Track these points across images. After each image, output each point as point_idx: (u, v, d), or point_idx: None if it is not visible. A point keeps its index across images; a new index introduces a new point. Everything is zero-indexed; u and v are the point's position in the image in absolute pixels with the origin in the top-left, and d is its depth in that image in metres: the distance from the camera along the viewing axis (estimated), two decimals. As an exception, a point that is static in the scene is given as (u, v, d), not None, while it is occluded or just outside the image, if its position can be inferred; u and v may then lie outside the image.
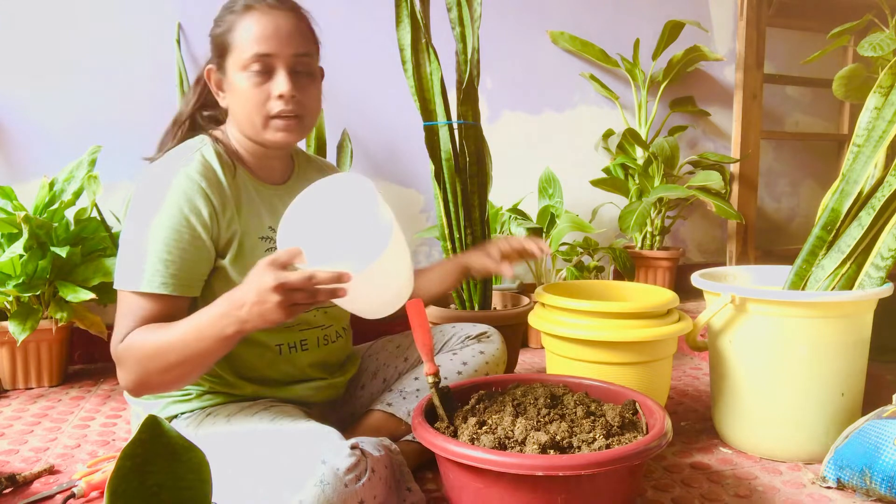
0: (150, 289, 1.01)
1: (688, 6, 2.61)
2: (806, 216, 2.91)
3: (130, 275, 1.02)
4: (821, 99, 2.84)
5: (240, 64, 1.07)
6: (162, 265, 1.01)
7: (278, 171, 1.21)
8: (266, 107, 1.08)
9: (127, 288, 1.02)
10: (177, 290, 1.03)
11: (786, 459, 1.32)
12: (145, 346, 0.97)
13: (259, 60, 1.06)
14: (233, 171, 1.11)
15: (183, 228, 1.03)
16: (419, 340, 1.07)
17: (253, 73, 1.06)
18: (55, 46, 1.96)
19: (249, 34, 1.06)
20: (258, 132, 1.10)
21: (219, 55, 1.11)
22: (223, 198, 1.08)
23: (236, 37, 1.07)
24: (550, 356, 1.42)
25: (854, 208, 1.34)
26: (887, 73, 1.38)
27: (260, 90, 1.07)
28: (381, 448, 1.01)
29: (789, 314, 1.26)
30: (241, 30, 1.06)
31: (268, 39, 1.06)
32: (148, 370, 0.98)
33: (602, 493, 0.92)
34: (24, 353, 1.78)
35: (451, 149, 1.75)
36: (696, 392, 1.76)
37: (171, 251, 1.02)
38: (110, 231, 1.88)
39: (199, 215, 1.04)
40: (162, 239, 1.02)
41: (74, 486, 1.16)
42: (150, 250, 1.01)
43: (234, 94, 1.09)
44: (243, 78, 1.07)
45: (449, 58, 1.80)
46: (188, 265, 1.04)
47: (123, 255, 1.04)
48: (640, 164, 2.38)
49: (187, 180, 1.05)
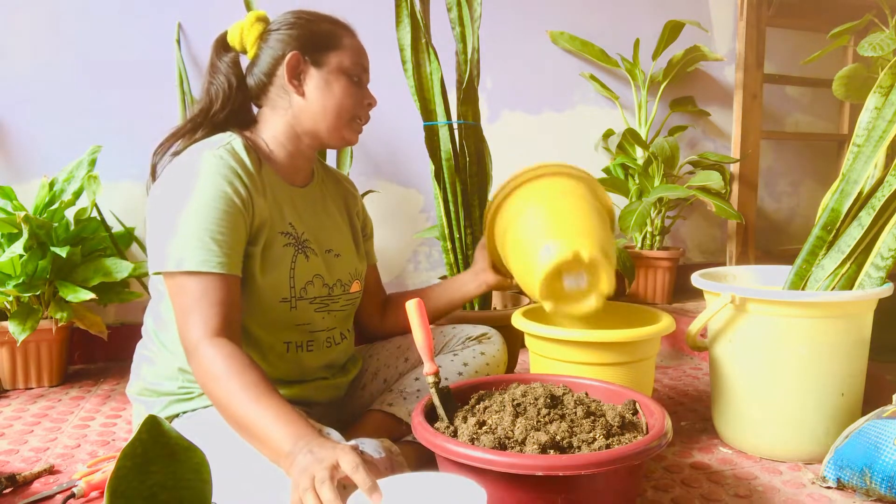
0: (207, 268, 1.00)
1: (688, 6, 2.61)
2: (806, 216, 2.91)
3: (182, 256, 1.00)
4: (821, 99, 2.84)
5: (345, 65, 1.17)
6: (216, 244, 1.01)
7: (303, 174, 1.24)
8: (356, 109, 1.19)
9: (179, 269, 1.00)
10: (231, 268, 1.03)
11: (786, 459, 1.32)
12: (223, 383, 0.95)
13: (359, 70, 1.19)
14: (259, 166, 1.13)
15: (229, 207, 1.04)
16: (419, 341, 1.07)
17: (353, 77, 1.18)
18: (55, 46, 1.96)
19: (356, 46, 1.20)
20: (339, 127, 1.18)
21: (316, 49, 1.16)
22: (254, 183, 1.09)
23: (344, 42, 1.18)
24: (533, 356, 1.41)
25: (854, 208, 1.34)
26: (887, 73, 1.38)
27: (358, 94, 1.19)
28: (381, 450, 1.01)
29: (789, 314, 1.26)
30: (346, 39, 1.19)
31: (364, 57, 1.21)
32: (207, 392, 0.98)
33: (602, 493, 0.92)
34: (24, 353, 1.78)
35: (451, 149, 1.75)
36: (696, 392, 1.76)
37: (222, 230, 1.02)
38: (110, 231, 1.89)
39: (237, 193, 1.05)
40: (211, 218, 1.02)
41: (74, 486, 1.16)
42: (200, 230, 1.01)
43: (328, 88, 1.16)
44: (344, 78, 1.17)
45: (449, 58, 1.80)
46: (236, 244, 1.04)
47: (167, 238, 1.02)
48: (640, 164, 2.38)
49: (219, 160, 1.06)
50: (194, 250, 1.00)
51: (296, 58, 1.15)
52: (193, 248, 1.00)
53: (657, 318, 1.39)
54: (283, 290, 1.14)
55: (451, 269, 1.84)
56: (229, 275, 1.03)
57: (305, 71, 1.16)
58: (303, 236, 1.18)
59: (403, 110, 2.09)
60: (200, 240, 1.01)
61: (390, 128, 2.25)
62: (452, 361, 1.33)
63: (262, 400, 0.93)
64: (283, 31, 1.17)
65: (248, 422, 0.92)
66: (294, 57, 1.15)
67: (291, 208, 1.18)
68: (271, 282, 1.12)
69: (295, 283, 1.15)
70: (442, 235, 1.81)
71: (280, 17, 1.19)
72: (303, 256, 1.17)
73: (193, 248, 1.00)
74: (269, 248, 1.12)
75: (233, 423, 0.95)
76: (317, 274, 1.19)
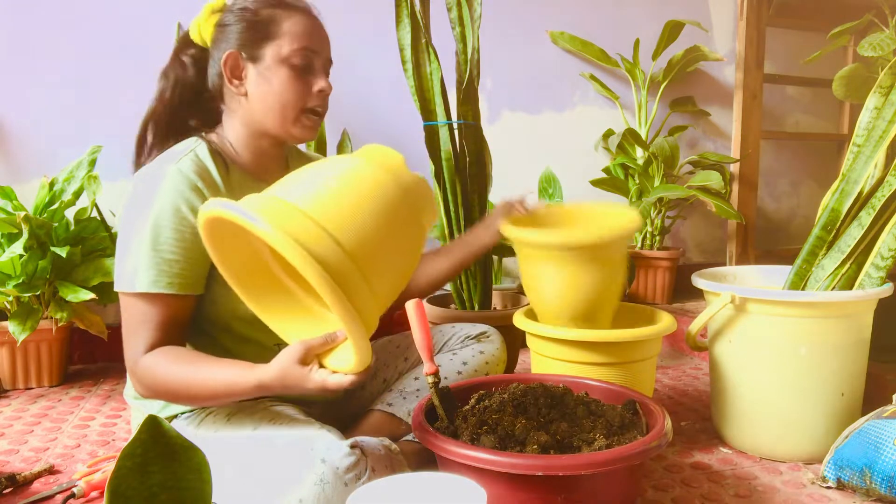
0: (156, 289, 1.00)
1: (688, 6, 2.61)
2: (806, 216, 2.91)
3: (134, 276, 1.01)
4: (821, 99, 2.84)
5: (283, 54, 1.07)
6: (166, 265, 1.01)
7: (274, 171, 1.20)
8: (304, 100, 1.10)
9: (131, 290, 1.01)
10: (184, 288, 1.03)
11: (786, 459, 1.32)
12: (169, 377, 1.00)
13: (303, 55, 1.08)
14: (227, 170, 1.11)
15: (182, 226, 1.02)
16: (419, 340, 1.07)
17: (294, 65, 1.08)
18: (55, 46, 1.96)
19: (296, 28, 1.08)
20: (284, 124, 1.10)
21: (251, 42, 1.08)
22: (218, 195, 1.07)
23: (281, 28, 1.08)
24: (535, 356, 1.41)
25: (854, 208, 1.34)
26: (887, 73, 1.38)
27: (302, 82, 1.09)
28: (381, 447, 1.01)
29: (789, 314, 1.26)
30: (286, 22, 1.08)
31: (312, 37, 1.09)
32: (166, 394, 1.02)
33: (602, 493, 0.92)
34: (24, 353, 1.78)
35: (451, 149, 1.75)
36: (696, 392, 1.76)
37: (174, 249, 1.02)
38: (110, 231, 1.89)
39: (193, 210, 1.03)
40: (163, 237, 1.01)
41: (74, 486, 1.16)
42: (151, 250, 1.01)
43: (269, 83, 1.08)
44: (284, 69, 1.08)
45: (449, 58, 1.80)
46: (192, 262, 1.03)
47: (124, 258, 1.03)
48: (640, 164, 2.38)
49: (180, 176, 1.04)
50: (146, 270, 1.00)
51: (233, 57, 1.09)
52: (145, 267, 1.01)
53: (658, 318, 1.39)
54: None
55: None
56: (180, 295, 1.03)
57: (244, 68, 1.09)
58: None
59: (403, 110, 2.09)
60: (152, 259, 1.01)
61: (390, 128, 2.25)
62: (452, 360, 1.32)
63: (208, 366, 0.99)
64: (226, 27, 1.10)
65: (219, 390, 0.98)
66: (230, 57, 1.09)
67: None
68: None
69: None
70: (442, 235, 1.81)
71: (229, 5, 1.13)
72: None
73: (145, 267, 1.01)
74: None
75: (204, 396, 1.00)
76: None
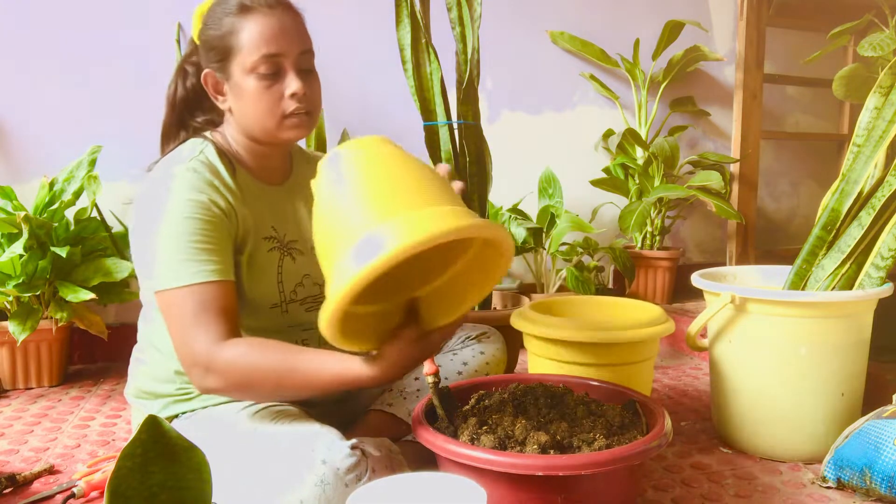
0: (202, 278, 0.97)
1: (688, 6, 2.61)
2: (806, 216, 2.91)
3: (174, 271, 0.98)
4: (821, 99, 2.84)
5: (247, 66, 1.04)
6: (205, 253, 0.99)
7: (278, 172, 1.20)
8: (280, 107, 1.06)
9: (177, 284, 0.97)
10: (224, 274, 1.00)
11: (786, 459, 1.32)
12: (262, 369, 0.95)
13: (268, 62, 1.04)
14: (233, 171, 1.11)
15: (208, 215, 1.01)
16: (419, 340, 1.07)
17: (262, 74, 1.04)
18: (55, 46, 1.96)
19: (254, 35, 1.03)
20: (270, 132, 1.08)
21: (219, 59, 1.07)
22: (232, 194, 1.07)
23: (240, 39, 1.04)
24: (532, 357, 1.41)
25: (854, 208, 1.34)
26: (887, 73, 1.38)
27: (271, 91, 1.05)
28: (381, 448, 1.01)
29: (789, 314, 1.26)
30: (244, 32, 1.04)
31: (275, 39, 1.04)
32: (249, 386, 0.97)
33: (602, 493, 0.92)
34: (24, 353, 1.78)
35: (451, 149, 1.75)
36: (696, 392, 1.76)
37: (205, 239, 1.00)
38: (110, 231, 1.89)
39: (216, 204, 1.03)
40: (193, 228, 0.99)
41: (74, 486, 1.16)
42: (186, 242, 0.98)
43: (242, 98, 1.06)
44: (251, 80, 1.04)
45: (449, 58, 1.80)
46: (223, 250, 1.02)
47: (153, 258, 0.99)
48: (640, 164, 2.38)
49: (193, 174, 1.03)
50: (184, 263, 0.98)
51: (210, 76, 1.09)
52: (182, 261, 0.98)
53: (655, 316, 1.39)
54: (273, 297, 1.13)
55: (451, 269, 1.83)
56: (225, 280, 1.00)
57: (221, 83, 1.09)
58: (286, 238, 1.16)
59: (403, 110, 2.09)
60: (188, 252, 0.98)
61: (390, 128, 2.25)
62: (452, 361, 1.32)
63: (304, 352, 0.95)
64: (202, 43, 1.10)
65: (313, 372, 0.93)
66: (208, 76, 1.09)
67: (271, 211, 1.14)
68: (260, 290, 1.11)
69: (284, 288, 1.14)
70: (442, 235, 1.81)
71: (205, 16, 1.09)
72: (290, 258, 1.15)
73: (182, 261, 0.98)
74: (254, 255, 1.10)
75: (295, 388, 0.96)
76: (306, 274, 1.17)
